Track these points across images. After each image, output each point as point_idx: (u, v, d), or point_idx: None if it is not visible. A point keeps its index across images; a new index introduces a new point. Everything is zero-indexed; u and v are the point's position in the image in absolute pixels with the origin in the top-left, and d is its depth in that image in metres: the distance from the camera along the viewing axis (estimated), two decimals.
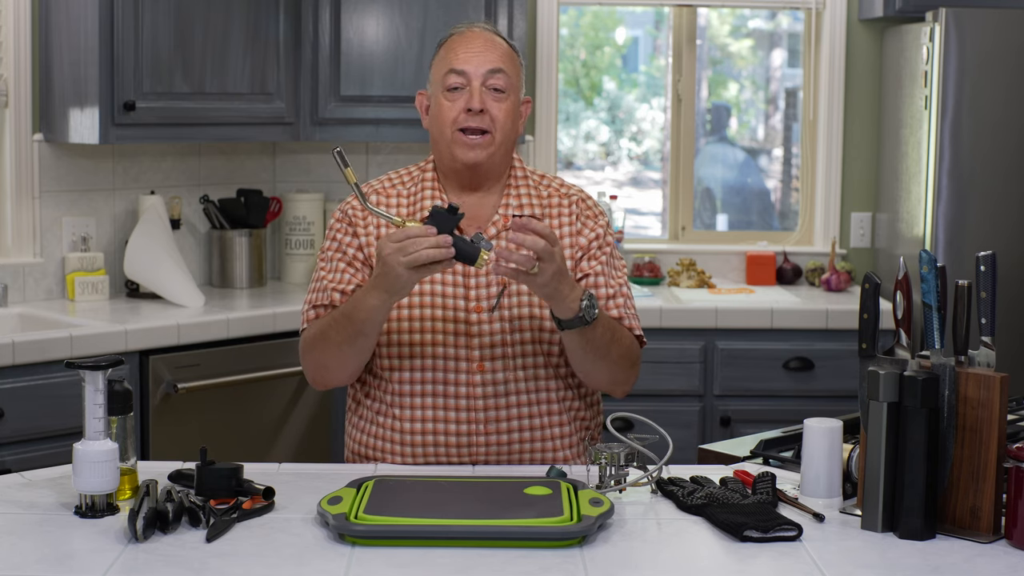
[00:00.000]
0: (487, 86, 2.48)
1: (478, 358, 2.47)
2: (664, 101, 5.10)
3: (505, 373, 2.48)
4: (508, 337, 2.48)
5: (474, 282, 2.48)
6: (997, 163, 4.32)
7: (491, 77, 2.48)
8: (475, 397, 2.47)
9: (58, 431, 3.46)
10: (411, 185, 2.58)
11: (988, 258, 2.12)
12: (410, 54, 4.37)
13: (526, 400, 2.50)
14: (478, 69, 2.47)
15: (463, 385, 2.47)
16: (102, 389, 2.10)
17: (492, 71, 2.48)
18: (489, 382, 2.48)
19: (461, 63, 2.48)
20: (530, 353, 2.49)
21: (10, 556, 1.92)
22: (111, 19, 3.88)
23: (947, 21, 4.23)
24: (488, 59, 2.49)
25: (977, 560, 1.96)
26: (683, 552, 2.02)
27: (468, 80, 2.47)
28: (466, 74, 2.47)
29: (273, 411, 4.04)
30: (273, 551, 1.96)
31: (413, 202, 2.55)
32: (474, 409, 2.47)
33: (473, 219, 2.52)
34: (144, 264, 4.13)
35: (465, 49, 2.49)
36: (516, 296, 2.49)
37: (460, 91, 2.48)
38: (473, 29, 2.54)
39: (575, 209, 2.56)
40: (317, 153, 4.79)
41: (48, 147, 4.14)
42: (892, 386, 2.04)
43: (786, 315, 4.32)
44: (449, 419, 2.47)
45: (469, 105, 2.46)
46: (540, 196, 2.57)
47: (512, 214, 2.51)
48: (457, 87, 2.48)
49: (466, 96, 2.47)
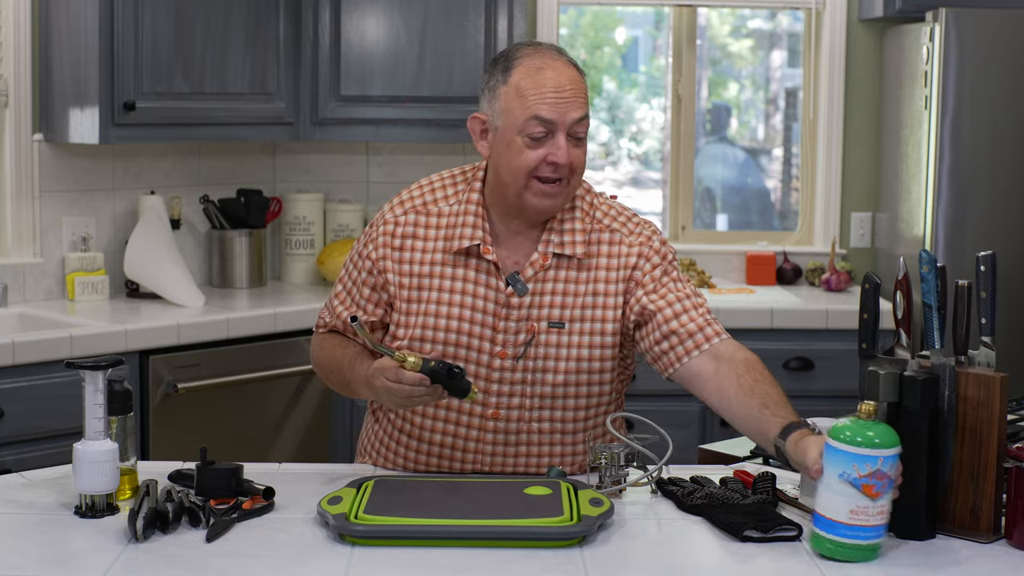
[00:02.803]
0: (571, 133, 2.28)
1: (494, 404, 2.37)
2: (664, 101, 5.10)
3: (519, 424, 2.38)
4: (528, 389, 2.36)
5: (503, 325, 2.34)
6: (997, 163, 4.32)
7: (577, 125, 2.28)
8: (484, 442, 2.39)
9: (58, 431, 3.46)
10: (455, 202, 2.39)
11: (988, 258, 2.12)
12: (410, 54, 4.37)
13: (536, 452, 2.40)
14: (565, 117, 2.27)
15: (475, 429, 2.38)
16: (102, 389, 2.09)
17: (579, 119, 2.28)
18: (501, 430, 2.38)
19: (549, 111, 2.26)
20: (548, 407, 2.38)
21: (10, 556, 1.92)
22: (111, 19, 3.88)
23: (947, 21, 4.23)
24: (576, 105, 2.28)
25: (977, 560, 1.96)
26: (683, 552, 2.02)
27: (554, 130, 2.27)
28: (553, 124, 2.26)
29: (273, 411, 4.03)
30: (273, 551, 1.95)
31: (452, 225, 2.37)
32: (482, 453, 2.40)
33: (512, 252, 2.37)
34: (144, 264, 4.13)
35: (552, 91, 2.26)
36: (544, 347, 2.35)
37: (543, 138, 2.27)
38: (551, 58, 2.30)
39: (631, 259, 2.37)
40: (317, 153, 4.79)
41: (48, 147, 4.14)
42: (892, 386, 2.04)
43: (786, 315, 4.32)
44: (455, 458, 2.41)
45: (555, 159, 2.26)
46: (585, 231, 2.37)
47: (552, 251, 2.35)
48: (541, 136, 2.27)
49: (549, 146, 2.27)
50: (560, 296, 2.35)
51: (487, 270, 2.35)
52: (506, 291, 2.34)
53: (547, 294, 2.35)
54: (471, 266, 2.36)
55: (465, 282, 2.35)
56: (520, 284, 2.32)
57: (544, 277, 2.35)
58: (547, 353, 2.35)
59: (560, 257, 2.36)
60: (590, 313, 2.35)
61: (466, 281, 2.35)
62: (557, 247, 2.36)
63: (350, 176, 4.79)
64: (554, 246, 2.36)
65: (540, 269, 2.35)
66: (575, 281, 2.36)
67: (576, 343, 2.35)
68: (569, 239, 2.36)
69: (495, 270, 2.35)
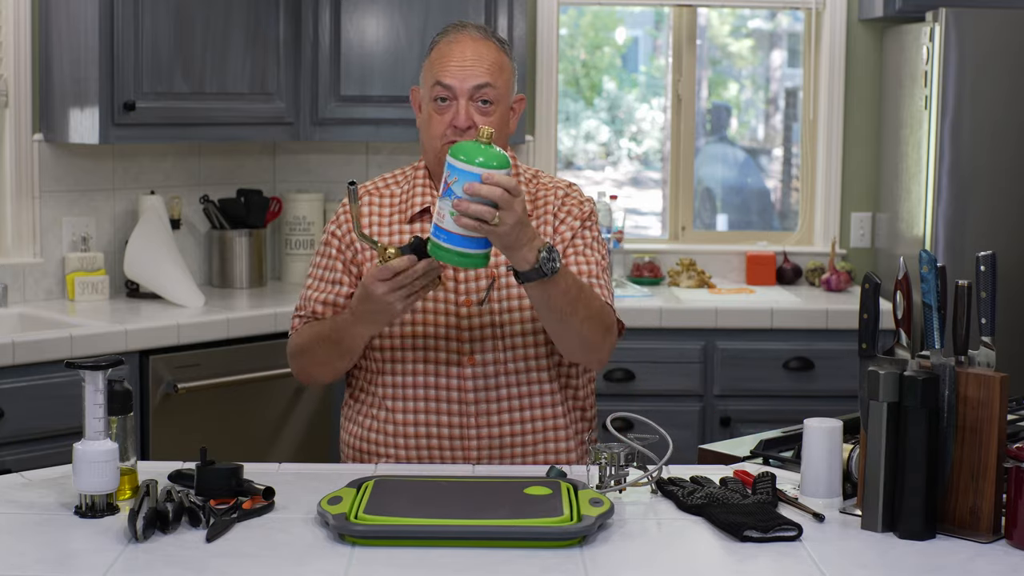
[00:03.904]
0: (474, 99, 2.46)
1: (468, 351, 2.50)
2: (664, 101, 5.10)
3: (496, 366, 2.50)
4: (498, 330, 2.50)
5: (463, 276, 2.50)
6: (997, 163, 4.32)
7: (478, 92, 2.46)
8: (466, 390, 2.50)
9: (58, 431, 3.46)
10: (404, 184, 2.61)
11: (988, 258, 2.12)
12: (410, 54, 4.37)
13: (517, 393, 2.52)
14: (464, 84, 2.45)
15: (454, 378, 2.49)
16: (102, 389, 2.10)
17: (479, 86, 2.46)
18: (480, 375, 2.50)
19: (448, 77, 2.46)
20: (520, 345, 2.51)
21: (10, 556, 1.92)
22: (111, 19, 3.88)
23: (947, 21, 4.23)
24: (475, 73, 2.46)
25: (977, 560, 1.96)
26: (683, 552, 2.02)
27: (455, 94, 2.46)
28: (452, 89, 2.46)
29: (273, 411, 4.04)
30: (273, 551, 1.96)
31: (405, 199, 2.57)
32: (465, 402, 2.50)
33: None
34: (144, 264, 4.13)
35: (454, 61, 2.47)
36: (506, 289, 2.50)
37: (447, 103, 2.47)
38: (463, 34, 2.51)
39: (557, 200, 2.56)
40: (317, 153, 4.79)
41: (48, 147, 4.14)
42: (892, 386, 2.04)
43: (786, 315, 4.32)
44: (441, 411, 2.50)
45: (455, 123, 2.45)
46: (529, 192, 2.56)
47: None
48: (444, 98, 2.47)
49: (452, 112, 2.46)
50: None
51: None
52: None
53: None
54: (427, 230, 2.47)
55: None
56: None
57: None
58: (509, 294, 2.50)
59: None
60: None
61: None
62: None
63: (350, 176, 4.79)
64: None
65: None
66: None
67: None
68: None
69: None
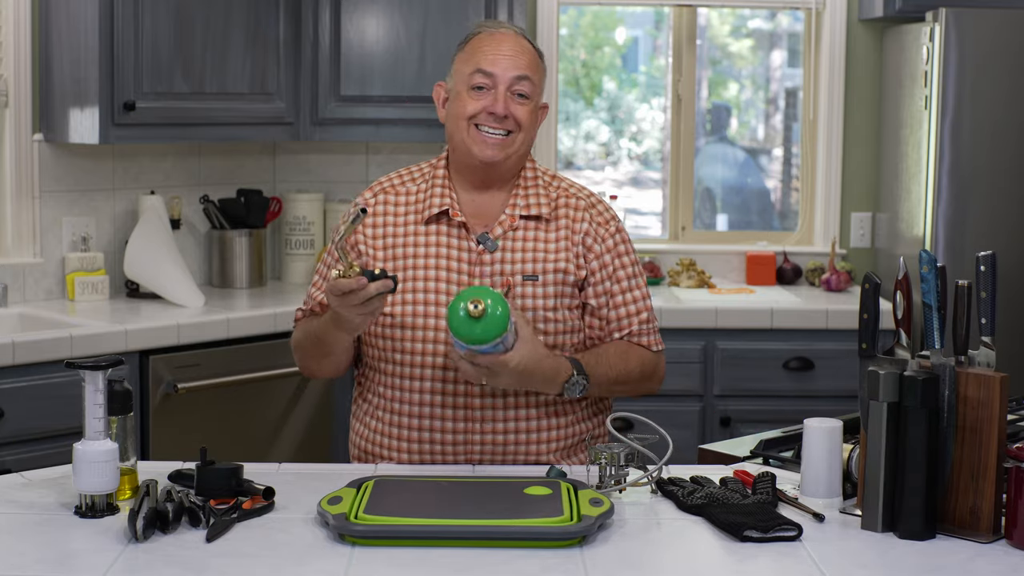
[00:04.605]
0: (512, 91, 2.48)
1: None
2: (664, 101, 5.10)
3: None
4: None
5: (477, 282, 2.49)
6: (997, 163, 4.32)
7: (517, 83, 2.48)
8: (472, 395, 2.48)
9: (58, 431, 3.46)
10: (422, 183, 2.59)
11: (988, 258, 2.12)
12: (410, 54, 4.37)
13: (523, 402, 2.50)
14: (506, 73, 2.48)
15: (461, 383, 2.48)
16: (102, 389, 2.10)
17: (519, 77, 2.48)
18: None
19: (490, 64, 2.48)
20: None
21: (10, 556, 1.92)
22: (111, 19, 3.88)
23: (947, 21, 4.23)
24: (517, 64, 2.49)
25: (977, 560, 1.96)
26: (683, 552, 2.02)
27: (495, 83, 2.47)
28: (493, 76, 2.47)
29: (273, 411, 4.03)
30: (273, 551, 1.96)
31: (422, 199, 2.55)
32: (471, 407, 2.48)
33: (480, 217, 2.54)
34: (144, 264, 4.13)
35: (495, 51, 2.49)
36: (520, 299, 2.48)
37: (485, 91, 2.48)
38: (502, 30, 2.54)
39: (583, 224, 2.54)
40: (317, 153, 4.79)
41: (48, 147, 4.14)
42: (892, 386, 2.04)
43: (786, 315, 4.32)
44: (447, 416, 2.49)
45: (493, 109, 2.47)
46: (549, 196, 2.56)
47: (519, 214, 2.53)
48: (483, 87, 2.48)
49: (490, 97, 2.47)
50: (531, 252, 2.51)
51: (458, 233, 2.52)
52: (477, 249, 2.49)
53: (517, 251, 2.51)
54: (442, 232, 2.52)
55: (438, 246, 2.51)
56: (490, 241, 2.49)
57: (513, 236, 2.52)
58: (523, 304, 2.48)
59: (527, 219, 2.53)
60: (563, 265, 2.50)
61: (439, 245, 2.51)
62: (523, 210, 2.54)
63: (350, 176, 4.79)
64: (520, 209, 2.54)
65: (508, 228, 2.52)
66: (543, 240, 2.52)
67: (552, 293, 2.49)
68: (535, 202, 2.55)
69: (465, 231, 2.52)
